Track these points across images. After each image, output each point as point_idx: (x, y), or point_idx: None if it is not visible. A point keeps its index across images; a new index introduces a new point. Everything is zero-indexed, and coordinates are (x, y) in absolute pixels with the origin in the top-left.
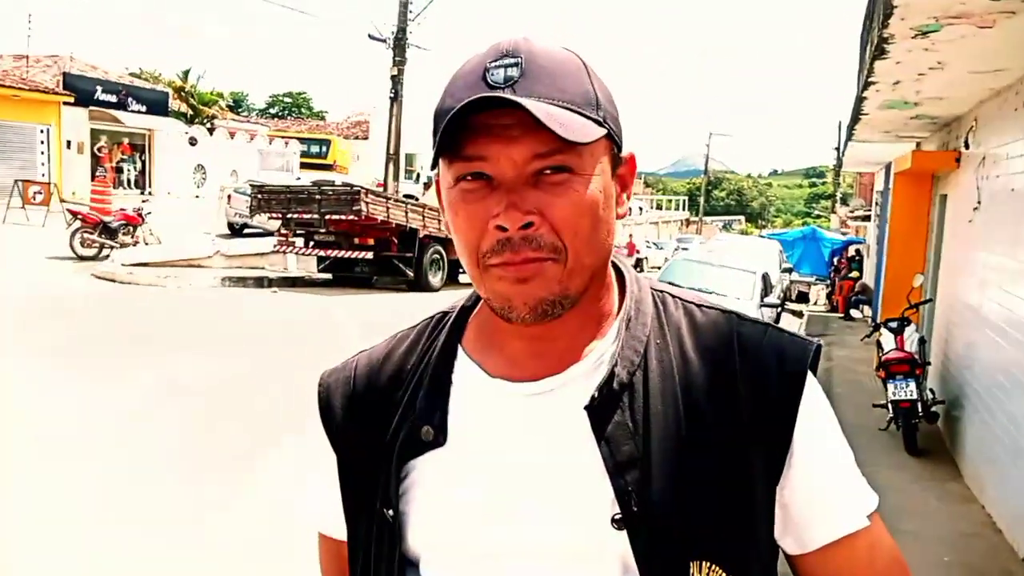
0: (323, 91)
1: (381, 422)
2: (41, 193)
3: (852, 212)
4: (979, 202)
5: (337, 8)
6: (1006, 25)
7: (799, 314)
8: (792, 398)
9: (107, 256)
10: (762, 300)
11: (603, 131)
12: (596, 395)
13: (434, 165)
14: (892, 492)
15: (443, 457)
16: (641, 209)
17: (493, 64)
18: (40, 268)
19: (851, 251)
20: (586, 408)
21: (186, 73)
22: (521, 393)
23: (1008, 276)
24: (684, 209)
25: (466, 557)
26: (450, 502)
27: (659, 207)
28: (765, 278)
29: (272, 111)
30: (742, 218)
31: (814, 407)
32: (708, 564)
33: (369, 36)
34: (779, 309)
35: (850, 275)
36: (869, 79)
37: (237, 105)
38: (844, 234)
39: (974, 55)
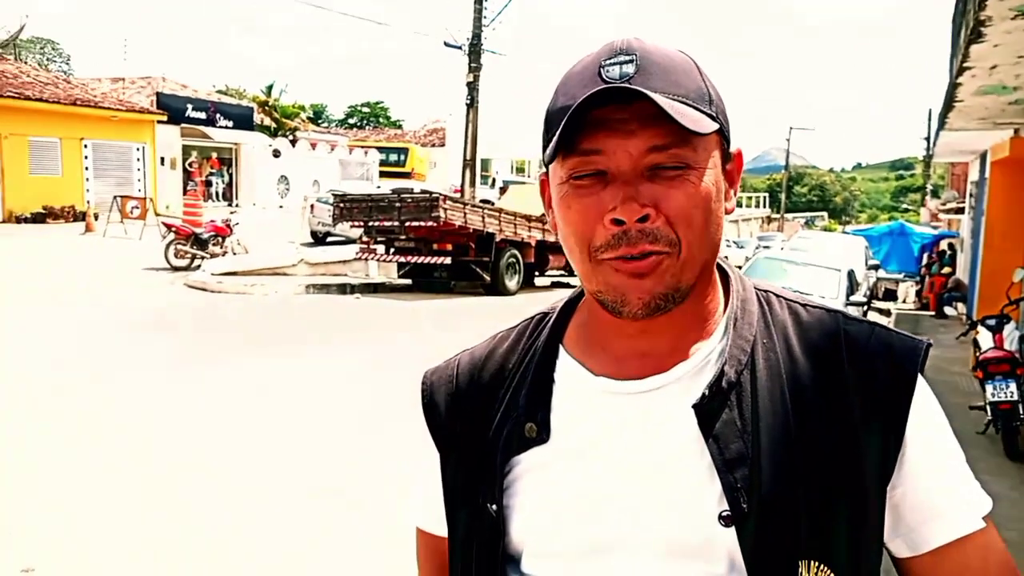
0: (400, 100)
1: (484, 419)
2: (138, 208)
3: (944, 205)
4: None
5: (413, 17)
6: None
7: (887, 312)
8: (903, 398)
9: (198, 266)
10: (847, 299)
11: (716, 125)
12: (706, 393)
13: (549, 162)
14: (992, 499)
15: (546, 454)
16: None
17: (608, 62)
18: (138, 279)
19: (943, 246)
20: (694, 406)
21: (269, 88)
22: (626, 391)
23: None
24: (765, 206)
25: (570, 552)
26: (554, 498)
27: (739, 204)
28: (850, 276)
29: (351, 122)
30: (825, 214)
31: (925, 407)
32: (817, 564)
33: (445, 43)
34: (865, 307)
35: (942, 271)
36: (964, 64)
37: (318, 117)
38: (935, 228)
39: None
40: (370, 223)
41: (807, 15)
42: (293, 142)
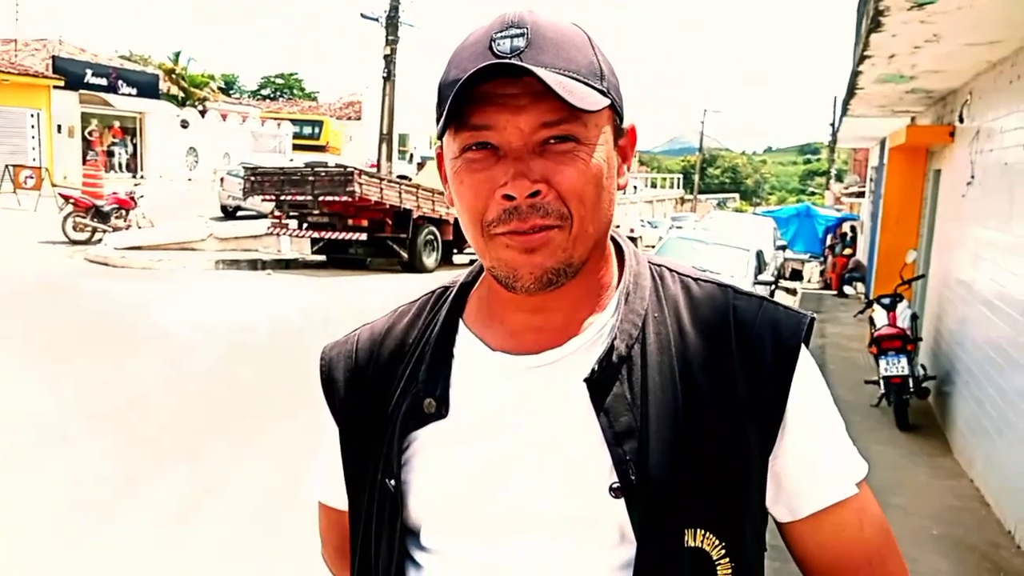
0: (315, 72)
1: (383, 394)
2: (32, 178)
3: (847, 188)
4: (972, 176)
5: None
6: None
7: (793, 292)
8: (786, 371)
9: (100, 240)
10: (756, 278)
11: (607, 101)
12: (596, 368)
13: (440, 136)
14: (883, 467)
15: (444, 429)
16: (636, 188)
17: (499, 35)
18: (33, 253)
19: (845, 228)
20: (585, 380)
21: (177, 55)
22: (522, 366)
23: (1000, 251)
24: (679, 187)
25: (467, 526)
26: (451, 472)
27: (654, 185)
28: (759, 256)
29: (264, 93)
30: (737, 196)
31: (807, 379)
32: (703, 532)
33: (361, 15)
34: (773, 287)
35: (844, 252)
36: (865, 52)
37: (229, 87)
38: (839, 211)
39: (970, 27)
40: (282, 197)
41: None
42: (202, 112)
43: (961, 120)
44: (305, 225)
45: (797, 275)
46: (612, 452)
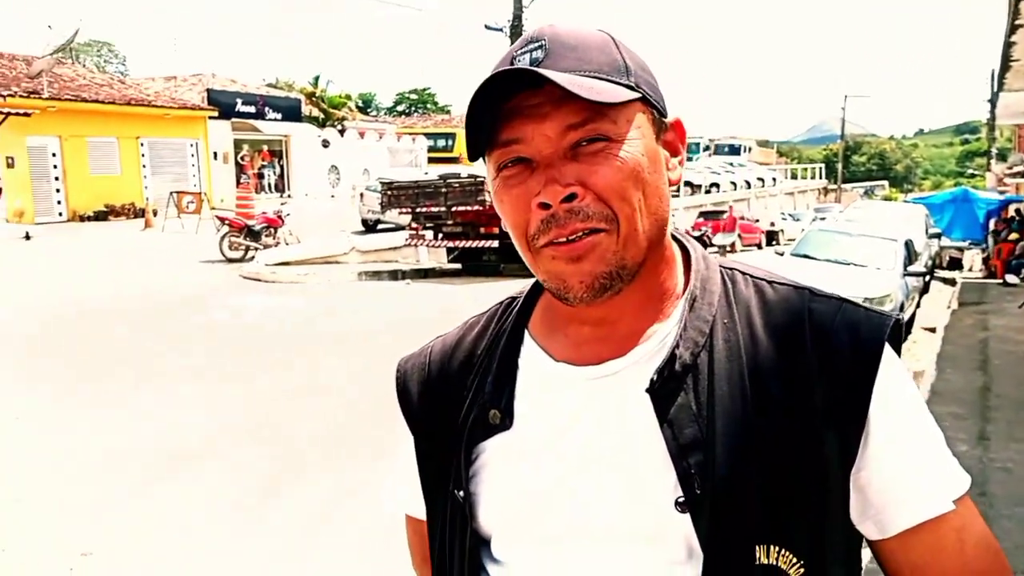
0: (447, 85)
1: (454, 406)
2: (193, 203)
3: (1010, 168)
4: None
5: (453, 2)
6: None
7: (952, 282)
8: (866, 376)
9: (252, 257)
10: (905, 269)
11: (634, 94)
12: (656, 377)
13: (473, 159)
14: None
15: (510, 440)
16: (775, 180)
17: (519, 52)
18: (195, 271)
19: (1010, 211)
20: (648, 390)
21: (316, 79)
22: (584, 377)
23: None
24: (821, 177)
25: (533, 538)
26: (516, 484)
27: (794, 176)
28: (908, 245)
29: (399, 109)
30: (885, 183)
31: (892, 385)
32: (777, 548)
33: (485, 27)
34: (927, 277)
35: (1009, 237)
36: (1016, 21)
37: (366, 106)
38: (1002, 193)
39: None
40: (418, 209)
41: None
42: (341, 131)
43: None
44: (440, 235)
45: (956, 264)
46: (677, 465)
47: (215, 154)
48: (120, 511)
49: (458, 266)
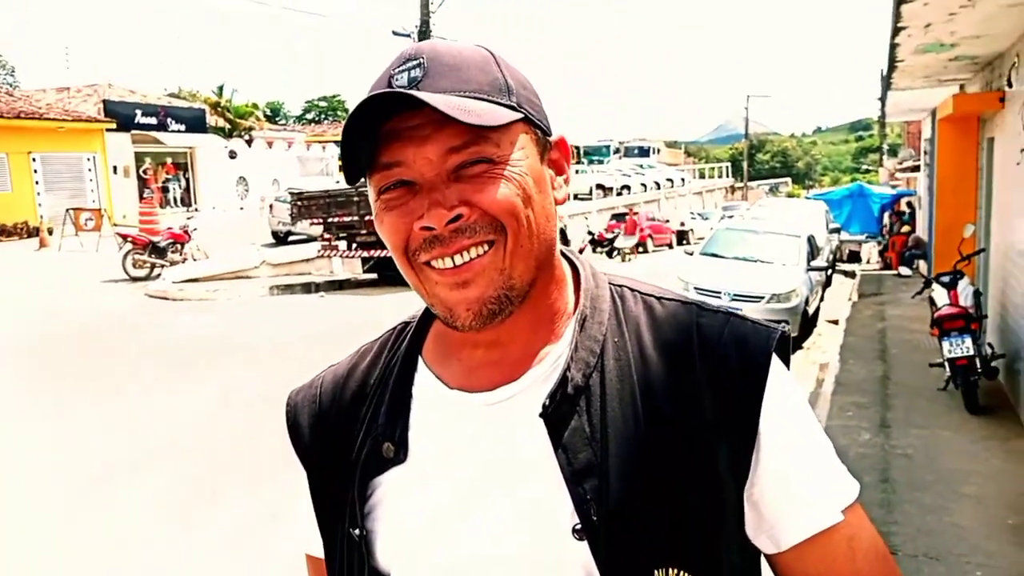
0: (356, 92)
1: (347, 439)
2: (92, 219)
3: (901, 163)
4: None
5: (358, 8)
6: None
7: (851, 274)
8: (755, 391)
9: (158, 275)
10: (809, 264)
11: (516, 115)
12: (548, 401)
13: (352, 180)
14: (952, 455)
15: (405, 474)
16: (684, 180)
17: (397, 70)
18: (96, 292)
19: (903, 204)
20: (541, 415)
21: (220, 89)
22: (478, 404)
23: None
24: (728, 176)
25: (432, 570)
26: (413, 519)
27: (702, 176)
28: (810, 241)
29: (309, 117)
30: (788, 180)
31: (780, 398)
32: (676, 570)
33: (393, 32)
34: (828, 272)
35: (901, 230)
36: (898, 24)
37: (274, 115)
38: (894, 187)
39: None
40: (329, 219)
41: None
42: (249, 142)
43: (1010, 84)
44: (354, 245)
45: (855, 257)
46: (572, 491)
47: (115, 168)
48: (25, 539)
49: (374, 276)
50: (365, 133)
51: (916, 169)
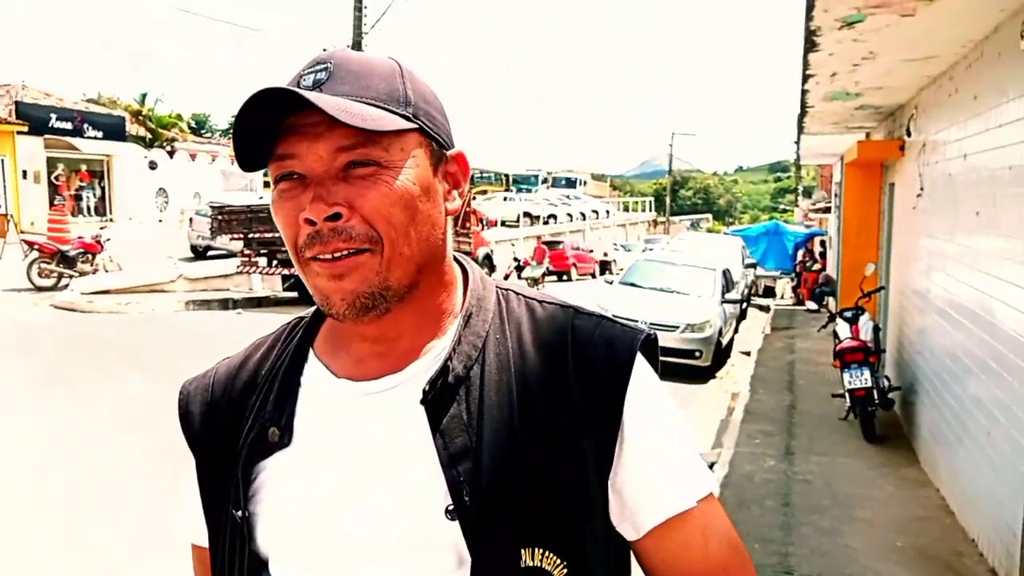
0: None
1: (235, 427)
2: None
3: (814, 204)
4: (922, 188)
5: (292, 23)
6: (928, 12)
7: (766, 308)
8: (619, 386)
9: (66, 286)
10: (723, 296)
11: (408, 124)
12: (428, 388)
13: (247, 168)
14: (850, 480)
15: (289, 457)
16: (608, 212)
17: (306, 71)
18: None
19: (815, 243)
20: (421, 402)
21: (143, 97)
22: (362, 392)
23: (949, 260)
24: (651, 210)
25: (310, 554)
26: (294, 501)
27: (626, 209)
28: (726, 274)
29: None
30: (709, 216)
31: (643, 393)
32: (541, 550)
33: (324, 50)
34: (743, 305)
35: (813, 267)
36: (807, 71)
37: (200, 127)
38: (808, 227)
39: (902, 43)
40: (250, 235)
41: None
42: (171, 153)
43: (909, 134)
44: (275, 262)
45: (770, 292)
46: (447, 474)
47: (24, 173)
48: None
49: (294, 295)
50: (267, 126)
51: (828, 210)
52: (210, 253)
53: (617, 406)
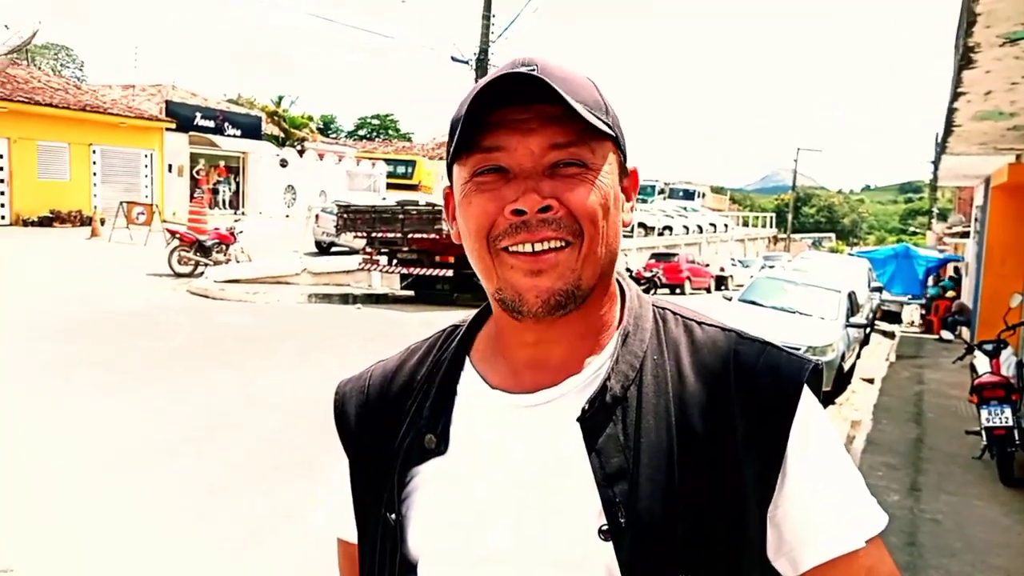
0: (410, 113)
1: (391, 429)
2: (144, 214)
3: (950, 228)
4: None
5: (422, 31)
6: None
7: (891, 335)
8: (785, 415)
9: (202, 273)
10: (847, 320)
11: (611, 132)
12: (587, 407)
13: (452, 163)
14: (984, 524)
15: (443, 465)
16: (727, 226)
17: (510, 70)
18: (141, 284)
19: (949, 270)
20: (578, 419)
21: (279, 99)
22: (518, 404)
23: None
24: (772, 226)
25: (459, 562)
26: (447, 508)
27: (745, 224)
28: (851, 297)
29: (361, 133)
30: (832, 235)
31: (809, 425)
32: None
33: (452, 58)
34: (867, 330)
35: (946, 295)
36: (959, 89)
37: (327, 128)
38: (941, 252)
39: None
40: (373, 234)
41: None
42: (301, 152)
43: None
44: (395, 261)
45: (895, 318)
46: (602, 493)
47: (170, 166)
48: (50, 525)
49: (411, 293)
50: (472, 118)
51: (965, 235)
52: (333, 249)
53: (782, 437)
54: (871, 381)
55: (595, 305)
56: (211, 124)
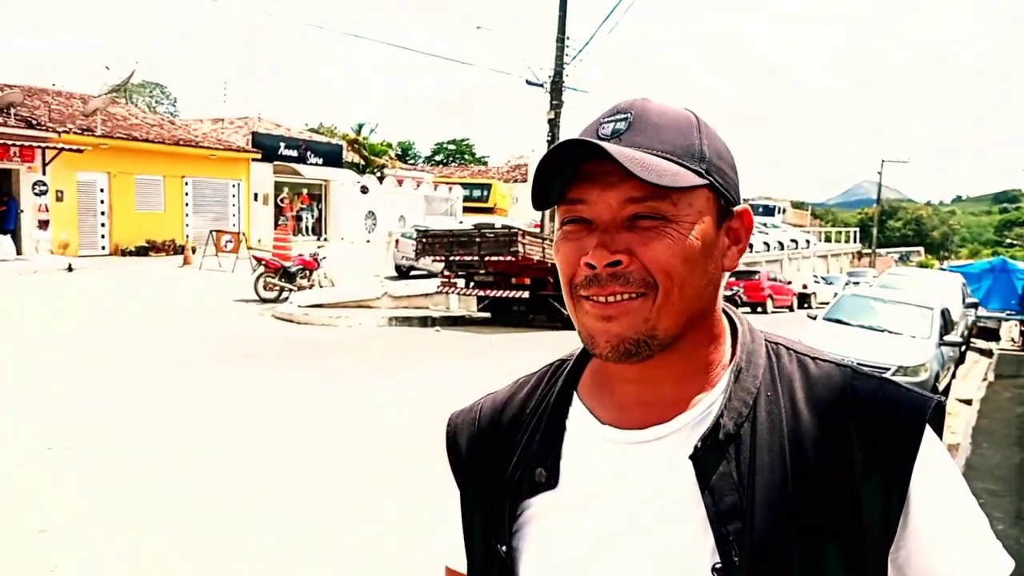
0: (485, 137)
1: (501, 462)
2: (232, 242)
3: None
4: None
5: (496, 55)
6: None
7: (988, 353)
8: (907, 456)
9: (286, 298)
10: (941, 338)
11: (701, 181)
12: (699, 445)
13: (538, 208)
14: None
15: (554, 499)
16: (808, 242)
17: (606, 120)
18: (229, 310)
19: None
20: (691, 457)
21: (359, 127)
22: (629, 440)
23: None
24: (856, 241)
25: None
26: (557, 543)
27: (828, 239)
28: (944, 314)
29: (437, 158)
30: (921, 249)
31: (932, 465)
32: None
33: (527, 82)
34: (962, 348)
35: None
36: None
37: (405, 154)
38: None
39: None
40: (451, 257)
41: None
42: (380, 179)
43: None
44: (472, 284)
45: (992, 335)
46: (715, 532)
47: (255, 195)
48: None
49: (487, 315)
50: (562, 170)
51: None
52: (412, 273)
53: (905, 477)
54: (968, 402)
55: (695, 345)
56: (294, 153)
